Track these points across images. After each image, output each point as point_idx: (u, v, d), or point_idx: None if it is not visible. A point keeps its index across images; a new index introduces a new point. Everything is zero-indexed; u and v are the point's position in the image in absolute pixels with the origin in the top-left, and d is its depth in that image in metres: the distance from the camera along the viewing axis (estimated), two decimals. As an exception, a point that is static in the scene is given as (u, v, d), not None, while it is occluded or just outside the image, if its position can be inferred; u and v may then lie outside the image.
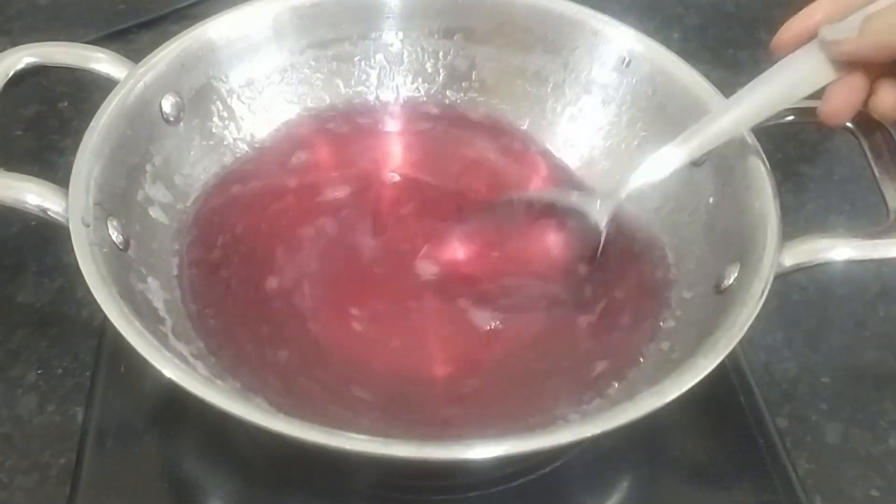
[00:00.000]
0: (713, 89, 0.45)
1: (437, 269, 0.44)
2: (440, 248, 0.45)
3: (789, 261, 0.38)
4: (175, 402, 0.41)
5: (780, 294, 0.38)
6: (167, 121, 0.45)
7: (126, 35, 0.62)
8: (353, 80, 0.51)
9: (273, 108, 0.50)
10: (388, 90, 0.52)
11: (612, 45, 0.48)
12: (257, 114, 0.49)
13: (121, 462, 0.40)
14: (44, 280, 0.47)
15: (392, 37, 0.51)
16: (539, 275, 0.45)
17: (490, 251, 0.45)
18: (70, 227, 0.36)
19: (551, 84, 0.50)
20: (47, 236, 0.48)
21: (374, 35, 0.51)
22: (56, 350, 0.45)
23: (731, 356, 0.36)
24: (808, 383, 0.46)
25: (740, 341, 0.35)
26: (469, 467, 0.36)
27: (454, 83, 0.52)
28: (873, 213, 0.55)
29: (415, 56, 0.51)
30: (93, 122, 0.41)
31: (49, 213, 0.37)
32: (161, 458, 0.40)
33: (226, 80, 0.48)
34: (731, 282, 0.39)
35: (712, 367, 0.33)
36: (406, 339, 0.42)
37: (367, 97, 0.52)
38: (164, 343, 0.36)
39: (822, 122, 0.38)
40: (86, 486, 0.39)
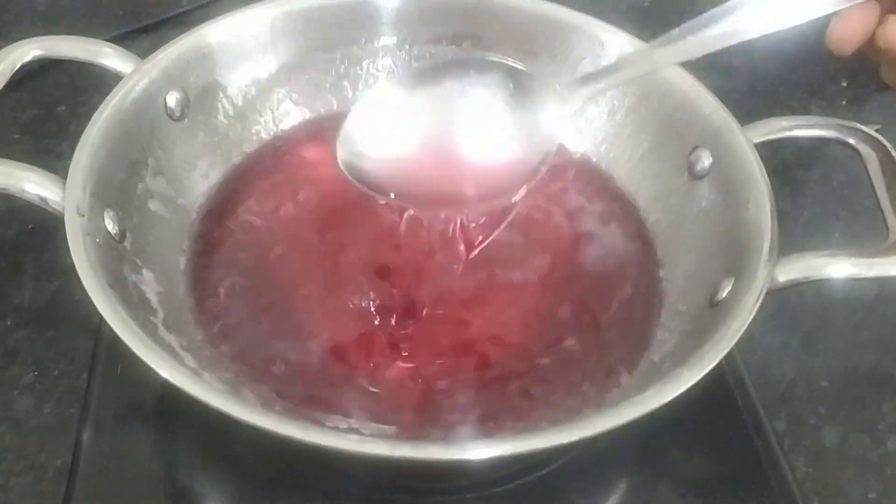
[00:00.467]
0: (716, 101, 0.45)
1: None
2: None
3: (783, 277, 0.38)
4: (171, 403, 0.41)
5: (778, 297, 0.38)
6: (172, 117, 0.45)
7: (124, 40, 0.62)
8: (360, 84, 0.51)
9: (279, 108, 0.50)
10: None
11: (618, 55, 0.48)
12: (263, 113, 0.50)
13: (117, 463, 0.40)
14: (41, 281, 0.47)
15: (400, 42, 0.51)
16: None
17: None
18: (64, 216, 0.37)
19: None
20: (45, 237, 0.48)
21: (382, 39, 0.51)
22: (53, 351, 0.45)
23: (729, 359, 0.36)
24: (805, 386, 0.46)
25: (737, 345, 0.35)
26: (464, 468, 0.36)
27: None
28: (870, 218, 0.55)
29: (422, 61, 0.52)
30: (95, 115, 0.41)
31: (48, 202, 0.37)
32: (157, 460, 0.40)
33: (232, 78, 0.48)
34: (724, 295, 0.39)
35: (697, 378, 0.33)
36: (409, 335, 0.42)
37: None
38: (153, 334, 0.36)
39: (829, 47, 0.40)
40: (81, 487, 0.39)
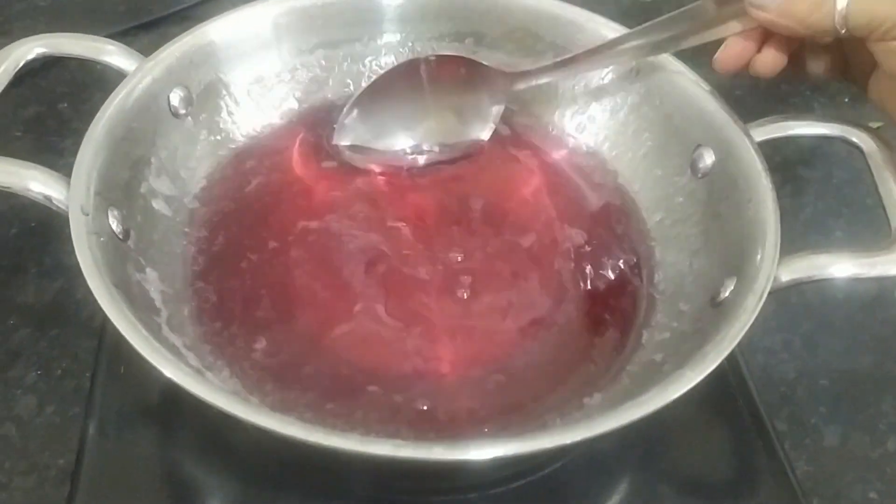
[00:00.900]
0: (720, 101, 0.45)
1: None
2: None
3: (786, 276, 0.37)
4: (175, 404, 0.41)
5: (779, 297, 0.37)
6: (175, 115, 0.45)
7: (126, 37, 0.61)
8: (363, 81, 0.51)
9: (282, 105, 0.50)
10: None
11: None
12: (266, 111, 0.49)
13: (120, 463, 0.40)
14: (44, 281, 0.47)
15: (402, 39, 0.51)
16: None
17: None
18: (69, 215, 0.36)
19: (560, 91, 0.50)
20: (47, 237, 0.49)
21: (384, 37, 0.51)
22: (56, 351, 0.45)
23: (730, 359, 0.36)
24: (806, 386, 0.46)
25: (738, 345, 0.35)
26: (467, 468, 0.36)
27: None
28: (871, 216, 0.55)
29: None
30: (99, 114, 0.41)
31: (52, 200, 0.37)
32: (161, 460, 0.40)
33: (235, 75, 0.48)
34: (727, 295, 0.39)
35: (699, 379, 0.33)
36: (412, 334, 0.41)
37: None
38: (157, 333, 0.36)
39: (713, 67, 0.43)
40: (85, 487, 0.39)
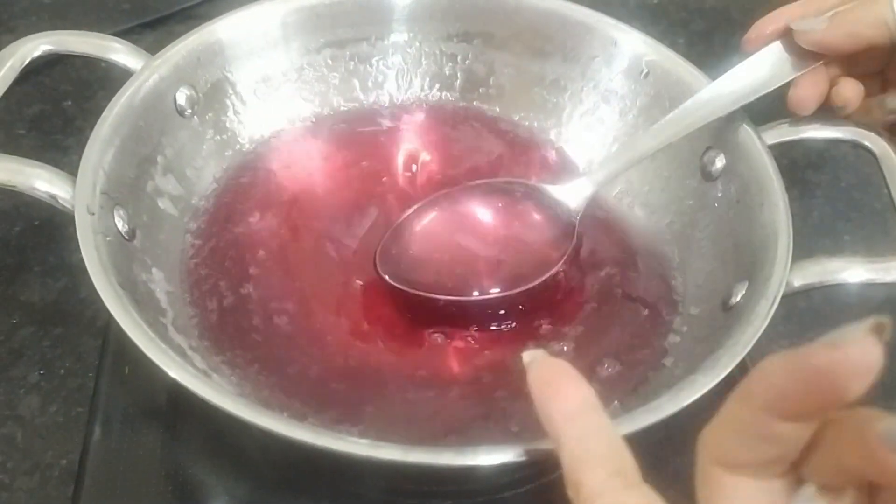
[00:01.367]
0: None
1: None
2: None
3: (798, 281, 0.37)
4: (179, 404, 0.41)
5: (787, 303, 0.37)
6: (181, 113, 0.45)
7: (130, 35, 0.61)
8: (370, 81, 0.51)
9: (289, 105, 0.50)
10: (404, 92, 0.52)
11: (631, 54, 0.48)
12: (273, 110, 0.49)
13: (124, 463, 0.40)
14: (47, 279, 0.47)
15: (410, 39, 0.51)
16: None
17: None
18: (75, 214, 0.36)
19: (569, 92, 0.50)
20: (51, 235, 0.48)
21: (392, 36, 0.51)
22: (59, 350, 0.44)
23: (739, 365, 0.36)
24: (814, 391, 0.46)
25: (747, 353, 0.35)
26: (472, 474, 0.35)
27: (472, 88, 0.52)
28: (880, 221, 0.55)
29: (432, 59, 0.51)
30: (105, 112, 0.41)
31: (57, 199, 0.37)
32: (165, 460, 0.40)
33: (242, 74, 0.48)
34: (738, 299, 0.38)
35: (712, 385, 0.33)
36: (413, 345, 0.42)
37: (383, 98, 0.52)
38: (163, 335, 0.36)
39: (791, 111, 0.43)
40: (89, 487, 0.39)
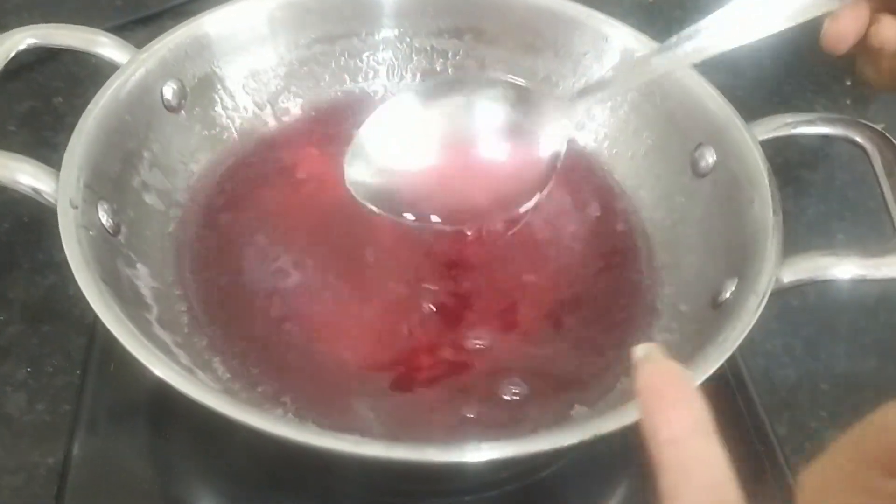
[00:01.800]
0: (722, 99, 0.44)
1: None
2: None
3: (788, 277, 0.37)
4: (166, 402, 0.41)
5: (780, 300, 0.37)
6: (168, 108, 0.44)
7: (122, 31, 0.61)
8: (360, 77, 0.51)
9: (278, 101, 0.50)
10: (396, 87, 0.52)
11: (621, 50, 0.48)
12: (262, 106, 0.49)
13: (110, 462, 0.39)
14: (36, 277, 0.47)
15: (400, 34, 0.51)
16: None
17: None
18: (58, 208, 0.36)
19: (560, 88, 0.50)
20: (40, 232, 0.48)
21: (382, 32, 0.51)
22: (46, 348, 0.44)
23: (731, 362, 0.36)
24: (807, 390, 0.46)
25: (739, 348, 0.34)
26: (463, 470, 0.35)
27: None
28: (874, 219, 0.55)
29: (423, 55, 0.51)
30: (90, 105, 0.40)
31: (41, 193, 0.37)
32: (151, 459, 0.40)
33: (230, 69, 0.47)
34: (728, 296, 0.38)
35: (700, 381, 0.33)
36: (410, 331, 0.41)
37: (374, 93, 0.51)
38: (147, 331, 0.35)
39: (826, 47, 0.40)
40: (73, 485, 0.38)
